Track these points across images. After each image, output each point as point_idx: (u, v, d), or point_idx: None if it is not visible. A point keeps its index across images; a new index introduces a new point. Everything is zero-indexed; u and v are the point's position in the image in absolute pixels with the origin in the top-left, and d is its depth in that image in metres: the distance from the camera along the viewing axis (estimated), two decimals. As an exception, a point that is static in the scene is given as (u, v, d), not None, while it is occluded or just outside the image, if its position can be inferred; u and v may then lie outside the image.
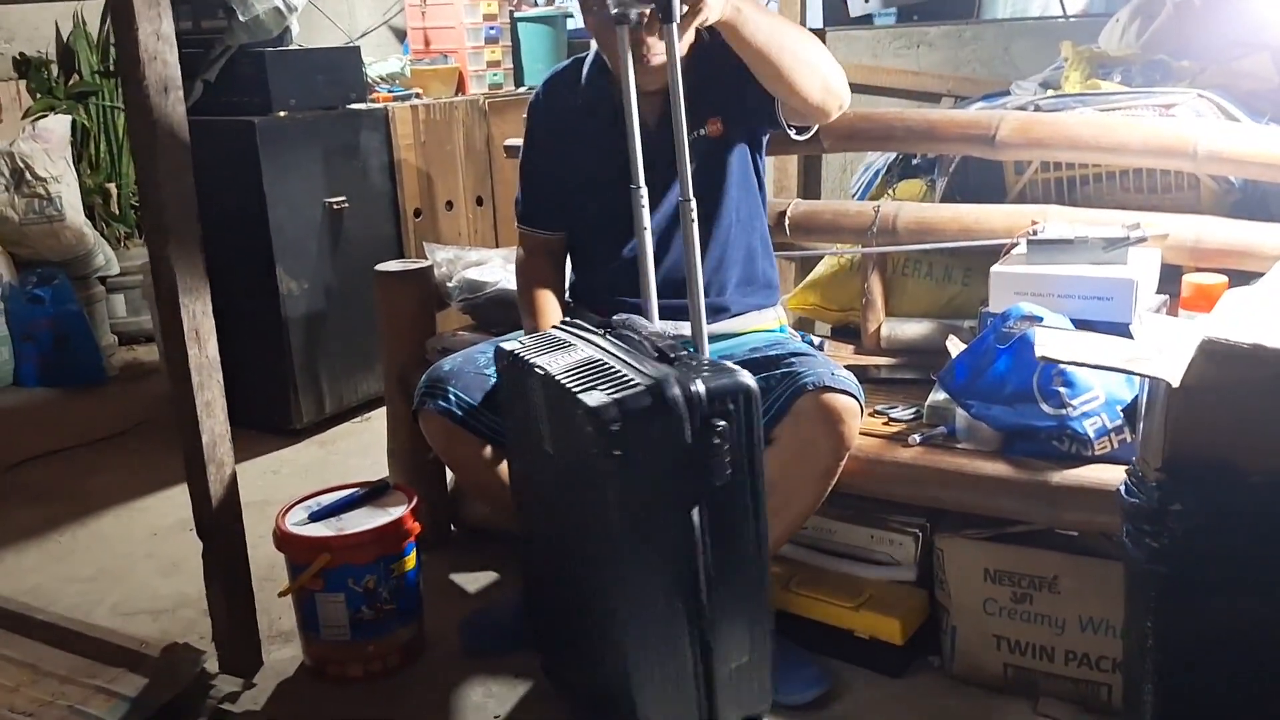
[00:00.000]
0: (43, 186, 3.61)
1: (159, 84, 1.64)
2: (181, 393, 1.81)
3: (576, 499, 1.58)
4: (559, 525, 1.69)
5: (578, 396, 1.43)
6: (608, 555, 1.50)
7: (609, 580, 1.50)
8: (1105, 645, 1.76)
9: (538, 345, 1.66)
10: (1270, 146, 1.99)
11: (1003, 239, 2.09)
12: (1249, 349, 1.17)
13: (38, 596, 2.21)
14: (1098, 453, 1.73)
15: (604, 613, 1.55)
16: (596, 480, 1.46)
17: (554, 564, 1.73)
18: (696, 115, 1.88)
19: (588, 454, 1.44)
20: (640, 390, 1.43)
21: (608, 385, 1.45)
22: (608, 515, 1.46)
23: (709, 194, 1.95)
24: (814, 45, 1.84)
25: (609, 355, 1.56)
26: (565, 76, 2.09)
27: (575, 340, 1.65)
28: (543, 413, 1.59)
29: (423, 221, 3.41)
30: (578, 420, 1.44)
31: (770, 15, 1.81)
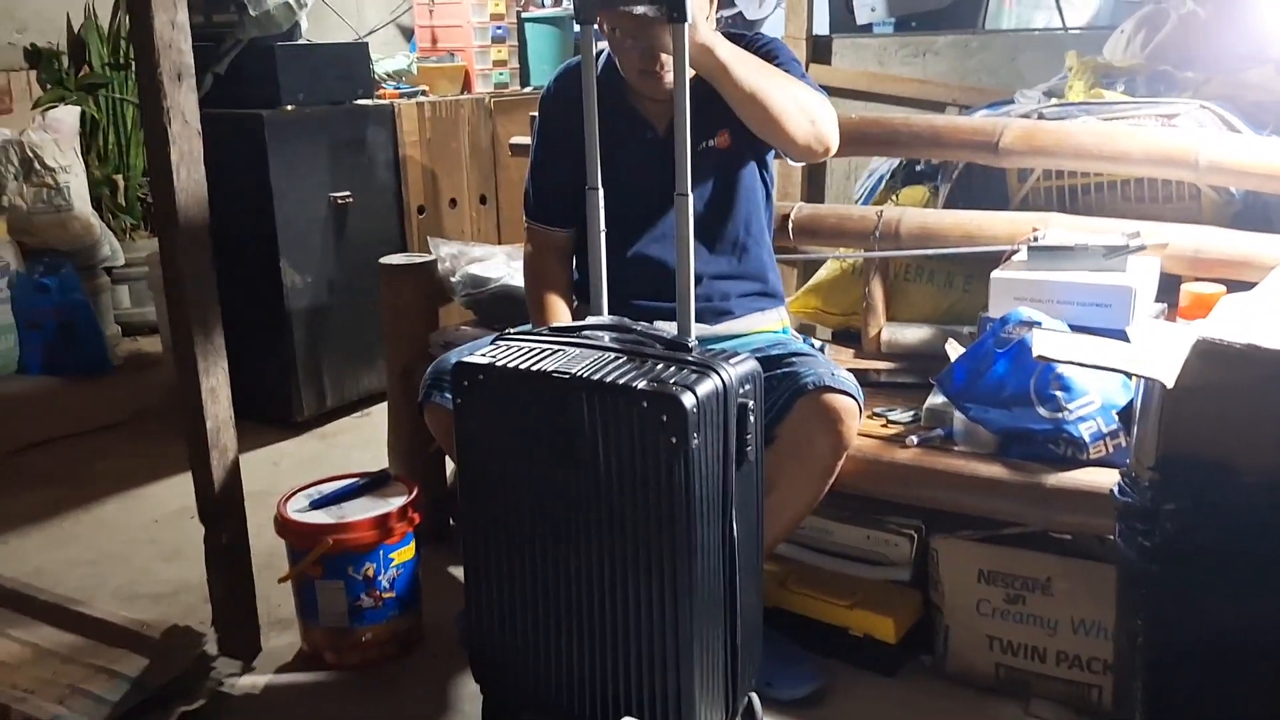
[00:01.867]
0: (51, 176, 3.63)
1: (173, 72, 1.66)
2: (187, 379, 1.83)
3: (614, 502, 1.50)
4: (565, 538, 1.57)
5: (643, 389, 1.43)
6: (670, 541, 1.47)
7: (670, 567, 1.48)
8: (1097, 647, 1.78)
9: (513, 355, 1.57)
10: (1272, 158, 2.01)
11: (1004, 245, 2.11)
12: (1243, 349, 1.19)
13: (40, 579, 2.22)
14: (1093, 456, 1.75)
15: (646, 605, 1.51)
16: (660, 471, 1.44)
17: (544, 581, 1.61)
18: (706, 127, 1.90)
19: (650, 447, 1.44)
20: (703, 375, 1.46)
21: (658, 375, 1.47)
22: (673, 504, 1.45)
23: (718, 204, 1.97)
24: (800, 92, 1.86)
25: (620, 351, 1.55)
26: (577, 73, 2.07)
27: (554, 346, 1.60)
28: (559, 422, 1.51)
29: (427, 219, 3.43)
30: (639, 414, 1.43)
31: (756, 65, 1.83)
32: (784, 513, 1.82)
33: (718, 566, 1.52)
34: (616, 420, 1.47)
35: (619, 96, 1.97)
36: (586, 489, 1.53)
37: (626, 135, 1.96)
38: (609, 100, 1.95)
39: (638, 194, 1.95)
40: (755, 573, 1.63)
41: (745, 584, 1.57)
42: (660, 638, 1.51)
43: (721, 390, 1.47)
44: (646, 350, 1.55)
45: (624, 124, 1.96)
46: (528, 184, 2.13)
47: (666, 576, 1.48)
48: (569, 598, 1.58)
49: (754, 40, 1.97)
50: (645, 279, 1.97)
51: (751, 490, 1.58)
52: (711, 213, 1.97)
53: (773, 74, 1.85)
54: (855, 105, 3.36)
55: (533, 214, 2.11)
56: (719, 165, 1.97)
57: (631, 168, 1.94)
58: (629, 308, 1.97)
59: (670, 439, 1.42)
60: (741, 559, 1.55)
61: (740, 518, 1.54)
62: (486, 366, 1.56)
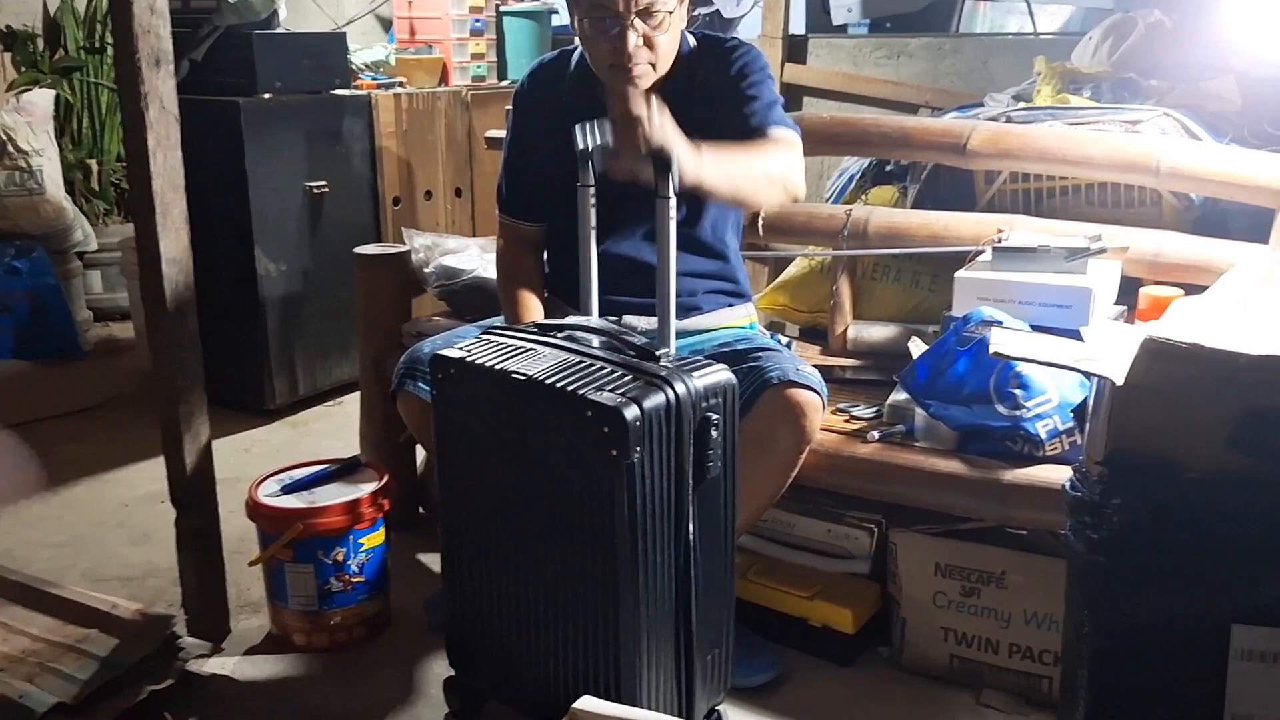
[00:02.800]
0: (24, 159, 3.62)
1: (150, 57, 1.67)
2: (160, 362, 1.84)
3: (560, 507, 1.51)
4: (523, 536, 1.60)
5: (588, 399, 1.42)
6: (611, 553, 1.47)
7: (610, 579, 1.48)
8: (1048, 640, 1.82)
9: (487, 351, 1.60)
10: (1230, 166, 2.07)
11: (971, 246, 2.15)
12: (1187, 348, 1.23)
13: (9, 560, 2.23)
14: (1049, 454, 1.79)
15: (591, 612, 1.52)
16: (600, 483, 1.44)
17: (508, 576, 1.64)
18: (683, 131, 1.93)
19: (591, 457, 1.42)
20: (654, 388, 1.44)
21: (609, 385, 1.45)
22: (614, 516, 1.44)
23: (688, 206, 1.98)
24: (773, 164, 1.85)
25: (586, 356, 1.55)
26: (553, 68, 2.08)
27: (532, 345, 1.61)
28: (516, 421, 1.54)
29: (402, 210, 3.45)
30: (582, 423, 1.42)
31: (733, 167, 1.80)
32: (746, 505, 1.83)
33: (666, 582, 1.50)
34: (563, 427, 1.47)
35: (593, 93, 1.97)
36: (538, 491, 1.54)
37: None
38: (584, 97, 1.97)
39: (608, 190, 1.97)
40: (723, 588, 1.62)
41: (709, 600, 1.57)
42: (604, 646, 1.51)
43: (674, 404, 1.45)
44: (615, 357, 1.54)
45: (587, 118, 1.96)
46: (501, 178, 2.13)
47: (608, 588, 1.48)
48: (528, 593, 1.60)
49: (730, 50, 1.97)
50: (616, 274, 1.99)
51: (718, 506, 1.57)
52: (681, 214, 1.99)
53: (749, 161, 1.82)
54: (829, 105, 3.40)
55: (505, 208, 2.12)
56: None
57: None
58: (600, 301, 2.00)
59: (611, 451, 1.40)
60: (704, 575, 1.54)
61: (704, 534, 1.53)
62: (458, 360, 1.59)
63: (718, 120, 1.91)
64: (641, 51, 1.83)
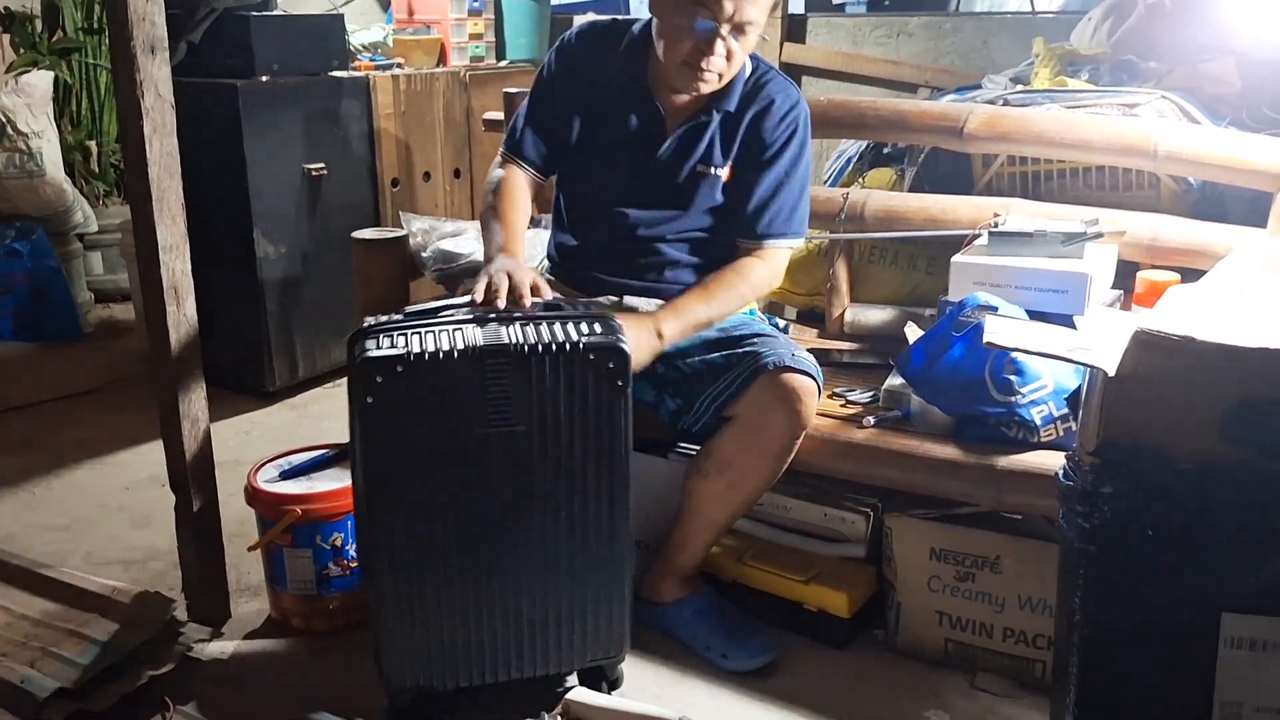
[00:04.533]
0: (24, 141, 3.61)
1: (146, 44, 1.67)
2: (159, 348, 1.85)
3: (563, 455, 1.61)
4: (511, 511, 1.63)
5: (584, 343, 1.57)
6: (619, 480, 1.66)
7: (611, 502, 1.67)
8: (1042, 624, 1.83)
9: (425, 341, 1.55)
10: (1229, 149, 2.06)
11: (968, 230, 2.15)
12: (1179, 340, 1.23)
13: (11, 544, 2.25)
14: (1044, 440, 1.80)
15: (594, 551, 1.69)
16: (609, 415, 1.61)
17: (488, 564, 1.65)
18: (715, 155, 1.95)
19: (597, 395, 1.59)
20: (608, 325, 1.62)
21: (577, 331, 1.59)
22: (622, 444, 1.64)
23: (709, 225, 1.99)
24: (751, 288, 1.96)
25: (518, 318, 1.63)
26: (606, 36, 2.02)
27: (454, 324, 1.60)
28: (499, 392, 1.56)
29: (400, 191, 3.44)
30: (585, 365, 1.57)
31: (696, 313, 1.88)
32: (741, 489, 1.87)
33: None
34: (561, 376, 1.57)
35: (637, 76, 1.96)
36: (528, 454, 1.60)
37: (629, 113, 1.97)
38: (628, 78, 1.96)
39: (628, 172, 1.98)
40: None
41: None
42: (603, 567, 1.69)
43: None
44: (535, 314, 1.65)
45: (634, 105, 1.96)
46: (518, 119, 2.06)
47: (604, 511, 1.66)
48: (498, 566, 1.64)
49: (786, 108, 1.95)
50: (620, 256, 2.01)
51: None
52: (694, 221, 2.00)
53: (724, 302, 1.92)
54: (829, 84, 3.38)
55: (513, 148, 2.05)
56: (714, 189, 1.98)
57: (629, 146, 1.97)
58: (595, 280, 2.01)
59: (617, 381, 1.59)
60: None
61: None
62: (403, 357, 1.53)
63: (738, 176, 1.94)
64: (719, 61, 1.83)
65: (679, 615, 1.97)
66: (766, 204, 1.94)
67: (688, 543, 1.94)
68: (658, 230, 1.98)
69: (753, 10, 1.79)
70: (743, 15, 1.78)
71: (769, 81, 1.95)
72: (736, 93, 1.93)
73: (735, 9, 1.77)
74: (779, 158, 1.94)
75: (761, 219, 1.94)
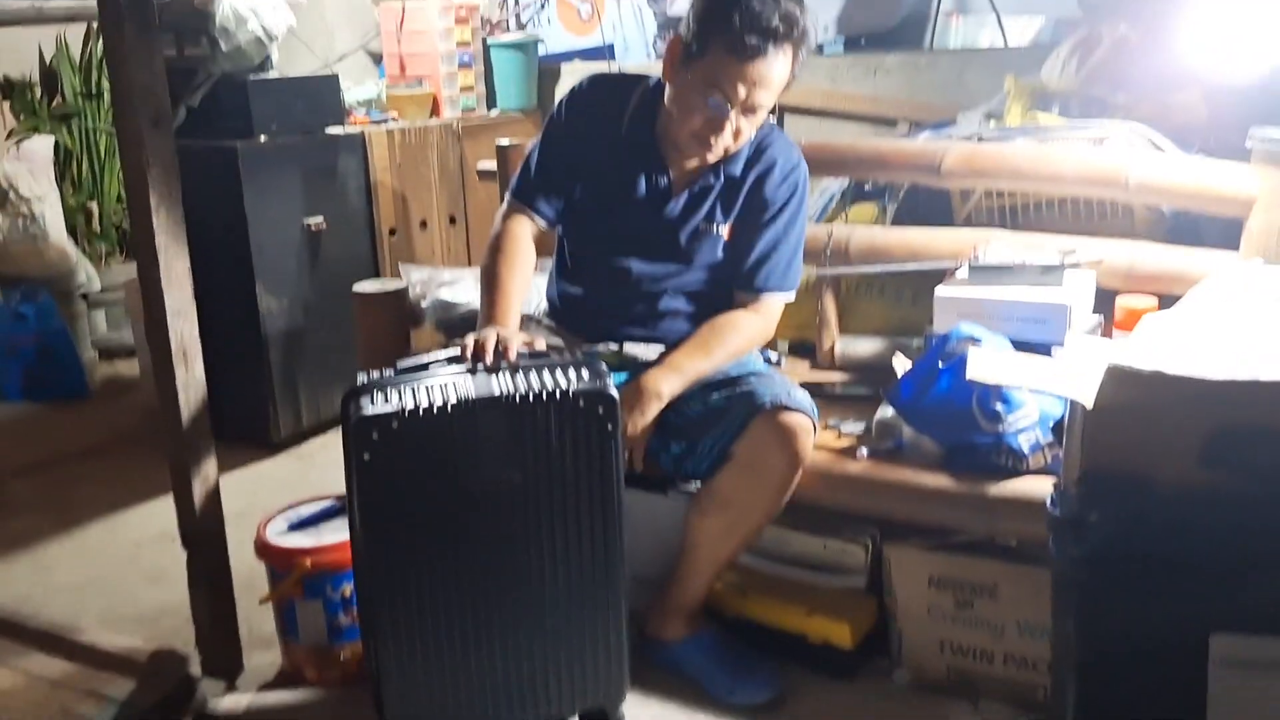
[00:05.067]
0: (26, 206, 3.68)
1: (151, 117, 1.73)
2: (169, 409, 1.89)
3: (557, 502, 1.65)
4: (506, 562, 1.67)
5: (574, 390, 1.61)
6: (612, 521, 1.68)
7: (611, 550, 1.70)
8: (1041, 649, 1.85)
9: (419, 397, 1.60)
10: (1197, 178, 2.12)
11: (949, 261, 2.20)
12: (1150, 375, 1.28)
13: (26, 605, 2.28)
14: (1032, 467, 1.83)
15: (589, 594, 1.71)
16: (599, 458, 1.64)
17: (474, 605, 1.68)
18: (718, 215, 2.00)
19: (589, 440, 1.62)
20: (594, 370, 1.66)
21: (565, 378, 1.63)
22: (613, 486, 1.67)
23: (707, 279, 2.04)
24: (745, 340, 2.00)
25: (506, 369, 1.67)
26: (617, 90, 2.05)
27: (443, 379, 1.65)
28: (489, 446, 1.60)
29: (398, 240, 3.51)
30: (575, 412, 1.61)
31: (696, 367, 1.93)
32: (742, 526, 1.90)
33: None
34: (553, 423, 1.61)
35: (647, 134, 1.99)
36: (525, 502, 1.64)
37: (637, 170, 2.00)
38: (638, 135, 2.00)
39: (634, 228, 2.02)
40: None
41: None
42: (599, 610, 1.71)
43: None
44: (522, 364, 1.69)
45: (642, 163, 2.00)
46: (526, 165, 2.08)
47: (599, 554, 1.68)
48: (497, 615, 1.68)
49: (788, 168, 2.01)
50: (621, 304, 2.06)
51: None
52: (694, 275, 2.05)
53: (724, 351, 1.97)
54: (809, 122, 3.45)
55: (521, 195, 2.07)
56: (715, 246, 2.02)
57: (636, 203, 2.01)
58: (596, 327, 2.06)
59: (607, 426, 1.63)
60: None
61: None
62: (399, 414, 1.57)
63: (737, 234, 2.00)
64: (727, 138, 1.88)
65: (684, 652, 2.00)
66: (764, 259, 2.00)
67: (690, 580, 1.97)
68: (659, 284, 2.03)
69: (765, 96, 1.84)
70: (755, 100, 1.84)
71: (771, 144, 2.00)
72: (742, 157, 1.98)
73: (748, 94, 1.83)
74: (778, 217, 2.00)
75: (759, 274, 2.00)
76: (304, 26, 3.50)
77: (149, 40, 1.73)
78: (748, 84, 1.82)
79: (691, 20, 1.86)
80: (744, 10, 1.79)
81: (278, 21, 3.10)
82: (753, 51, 1.79)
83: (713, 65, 1.82)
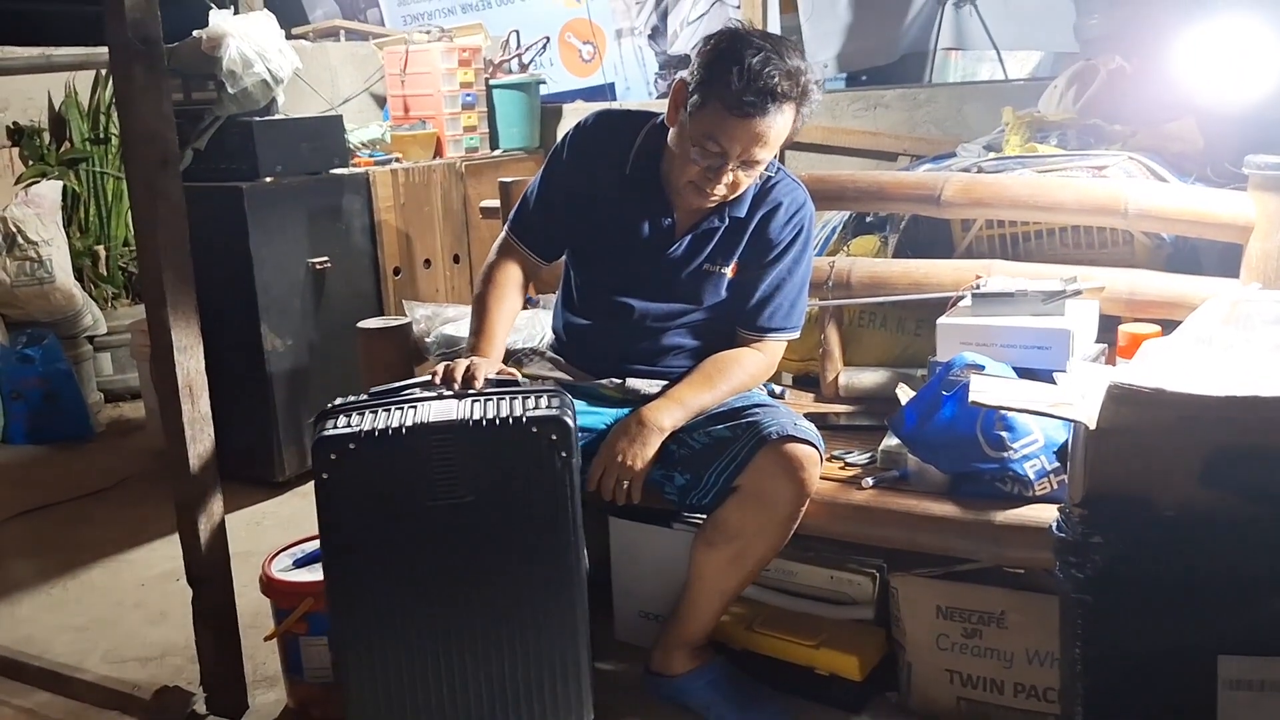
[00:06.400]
0: (34, 250, 3.72)
1: (159, 160, 1.76)
2: (175, 445, 1.90)
3: (512, 528, 1.67)
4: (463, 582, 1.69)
5: (528, 416, 1.63)
6: (564, 548, 1.68)
7: (565, 575, 1.69)
8: (1051, 677, 1.84)
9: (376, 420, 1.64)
10: (1195, 205, 2.13)
11: (950, 292, 2.21)
12: (1151, 393, 1.29)
13: (31, 645, 2.28)
14: (1038, 493, 1.83)
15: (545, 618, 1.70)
16: (553, 487, 1.65)
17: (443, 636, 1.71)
18: (723, 255, 2.01)
19: (542, 467, 1.63)
20: (556, 399, 1.68)
21: (521, 405, 1.66)
22: (558, 512, 1.66)
23: (712, 316, 2.06)
24: (750, 374, 2.02)
25: (470, 394, 1.70)
26: (622, 127, 2.05)
27: (406, 403, 1.69)
28: (445, 470, 1.63)
29: (402, 279, 3.53)
30: (528, 439, 1.62)
31: (699, 401, 1.95)
32: (748, 558, 1.90)
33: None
34: (504, 450, 1.63)
35: (652, 173, 2.00)
36: (481, 525, 1.65)
37: (641, 209, 2.01)
38: (642, 174, 2.00)
39: (638, 266, 2.03)
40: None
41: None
42: (560, 634, 1.70)
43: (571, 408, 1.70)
44: (487, 391, 1.72)
45: (647, 202, 2.01)
46: (525, 201, 2.11)
47: (556, 579, 1.68)
48: (457, 636, 1.69)
49: (794, 210, 2.02)
50: (625, 340, 2.07)
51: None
52: (698, 313, 2.06)
53: (723, 392, 1.98)
54: (810, 157, 3.49)
55: (516, 227, 2.11)
56: (720, 286, 2.03)
57: (640, 242, 2.02)
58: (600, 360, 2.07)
59: (561, 453, 1.64)
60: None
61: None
62: (355, 435, 1.62)
63: (742, 273, 2.01)
64: (724, 189, 1.89)
65: (691, 686, 1.98)
66: (768, 300, 2.01)
67: (696, 613, 1.96)
68: (663, 322, 2.04)
69: (763, 153, 1.84)
70: (752, 156, 1.84)
71: (777, 185, 2.01)
72: (747, 200, 1.98)
73: (745, 150, 1.83)
74: (782, 257, 2.01)
75: (763, 313, 2.01)
76: (309, 70, 3.56)
77: (158, 81, 1.76)
78: (745, 141, 1.81)
79: (696, 68, 1.85)
80: (744, 69, 1.77)
81: (284, 65, 3.14)
82: (750, 110, 1.78)
83: (711, 119, 1.82)
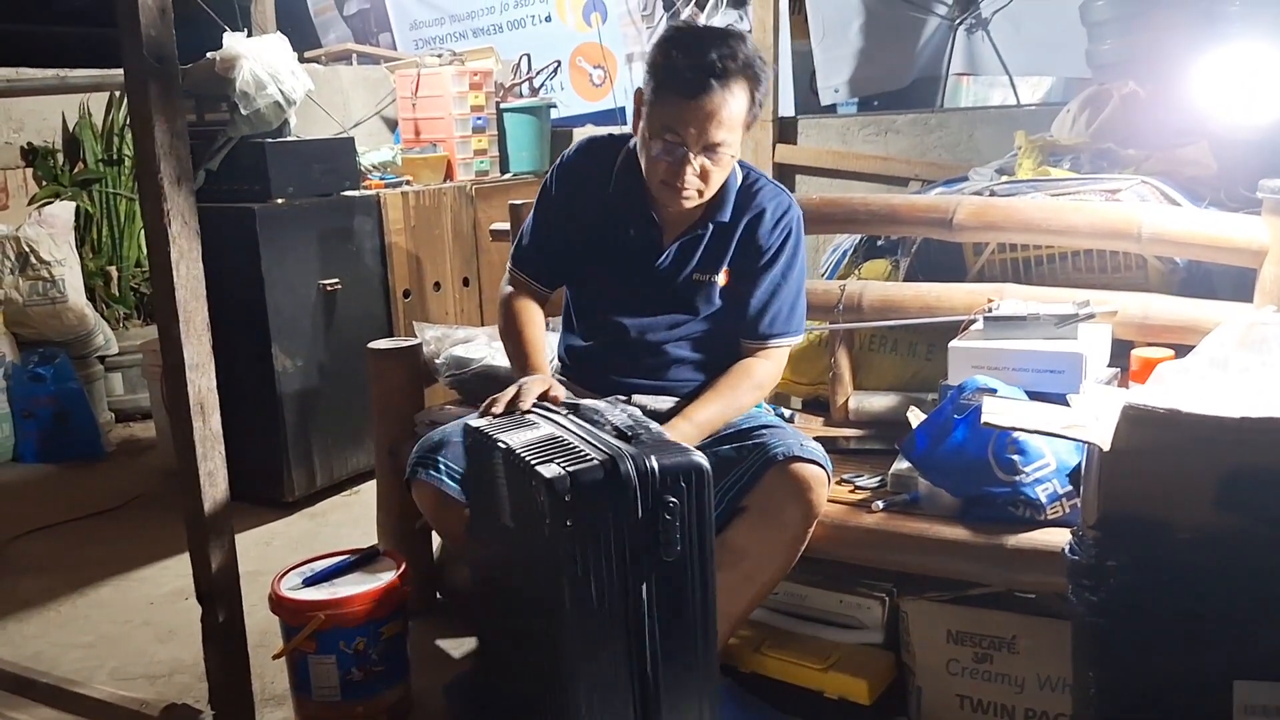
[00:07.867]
0: (47, 270, 3.74)
1: (173, 176, 1.76)
2: (186, 463, 1.90)
3: (532, 572, 1.62)
4: (516, 599, 1.72)
5: (535, 469, 1.50)
6: (560, 624, 1.53)
7: (561, 650, 1.54)
8: (1062, 703, 1.83)
9: (504, 423, 1.72)
10: (1209, 229, 2.13)
11: (962, 316, 2.21)
12: (1165, 414, 1.28)
13: (39, 662, 2.27)
14: (1050, 517, 1.81)
15: (555, 684, 1.57)
16: (550, 550, 1.50)
17: (512, 638, 1.76)
18: (712, 263, 2.02)
19: (542, 525, 1.50)
20: (594, 465, 1.50)
21: (565, 459, 1.53)
22: (560, 585, 1.49)
23: (709, 326, 2.06)
24: (758, 389, 2.03)
25: (569, 433, 1.64)
26: (604, 151, 2.09)
27: (539, 419, 1.72)
28: (503, 486, 1.65)
29: (411, 301, 3.54)
30: (534, 492, 1.51)
31: (710, 418, 1.95)
32: (757, 580, 1.89)
33: (620, 667, 1.54)
34: (524, 493, 1.57)
35: (635, 189, 2.02)
36: (514, 552, 1.66)
37: (627, 225, 2.03)
38: (628, 189, 2.02)
39: (630, 282, 2.05)
40: (694, 680, 1.61)
41: (673, 692, 1.58)
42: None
43: (623, 480, 1.50)
44: (594, 434, 1.61)
45: (632, 218, 2.03)
46: (524, 236, 2.16)
47: (552, 653, 1.56)
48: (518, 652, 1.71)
49: (780, 213, 2.02)
50: (626, 358, 2.07)
51: (685, 592, 1.57)
52: (694, 323, 2.06)
53: (735, 405, 1.99)
54: (821, 182, 3.50)
55: (518, 262, 2.17)
56: (713, 295, 2.04)
57: (629, 258, 2.03)
58: (605, 380, 2.07)
59: (564, 520, 1.47)
60: (667, 665, 1.56)
61: (665, 621, 1.55)
62: (476, 430, 1.72)
63: (735, 280, 2.02)
64: (694, 180, 1.90)
65: (700, 708, 1.97)
66: (766, 306, 2.02)
67: (706, 635, 1.96)
68: (661, 335, 2.05)
69: (720, 133, 1.86)
70: (710, 138, 1.85)
71: (760, 190, 2.03)
72: (729, 204, 2.00)
73: (700, 133, 1.85)
74: (774, 263, 2.02)
75: (763, 321, 2.02)
76: (321, 92, 3.58)
77: (173, 100, 1.77)
78: (698, 123, 1.83)
79: (645, 71, 1.92)
80: (682, 48, 1.84)
81: (296, 87, 3.17)
82: (696, 88, 1.82)
83: (663, 109, 1.86)
